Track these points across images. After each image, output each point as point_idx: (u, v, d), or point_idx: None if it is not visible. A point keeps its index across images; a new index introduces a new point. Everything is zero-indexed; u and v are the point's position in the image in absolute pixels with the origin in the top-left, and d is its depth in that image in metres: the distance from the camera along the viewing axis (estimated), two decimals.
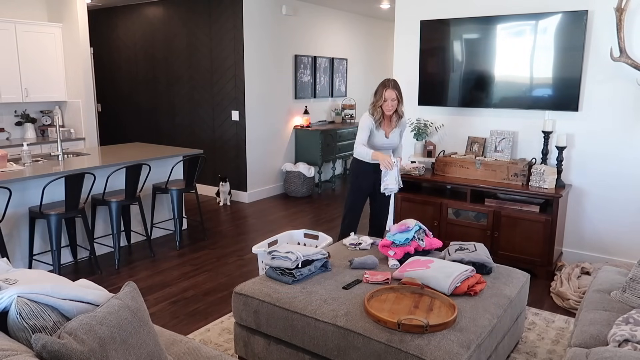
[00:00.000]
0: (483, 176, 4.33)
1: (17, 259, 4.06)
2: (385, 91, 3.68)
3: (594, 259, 4.21)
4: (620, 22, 3.70)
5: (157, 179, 5.02)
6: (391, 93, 3.66)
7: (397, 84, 3.72)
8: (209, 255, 4.65)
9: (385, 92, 3.67)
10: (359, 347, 2.22)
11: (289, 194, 6.96)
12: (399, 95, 3.69)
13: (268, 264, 2.82)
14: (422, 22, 4.69)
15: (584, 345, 2.15)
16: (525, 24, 4.20)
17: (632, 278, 2.47)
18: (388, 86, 3.68)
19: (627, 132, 3.98)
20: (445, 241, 4.27)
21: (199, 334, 3.17)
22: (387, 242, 3.05)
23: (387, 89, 3.67)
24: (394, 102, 3.69)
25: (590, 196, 4.21)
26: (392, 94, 3.66)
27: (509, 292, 2.66)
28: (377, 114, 3.75)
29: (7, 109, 6.02)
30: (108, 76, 8.01)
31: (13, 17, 5.85)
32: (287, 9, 6.75)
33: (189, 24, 6.73)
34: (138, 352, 1.57)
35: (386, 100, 3.68)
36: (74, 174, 3.88)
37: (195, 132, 6.99)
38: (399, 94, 3.69)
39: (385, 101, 3.68)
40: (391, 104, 3.68)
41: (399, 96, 3.69)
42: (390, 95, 3.67)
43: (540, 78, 4.20)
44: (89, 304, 1.69)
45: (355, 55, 8.51)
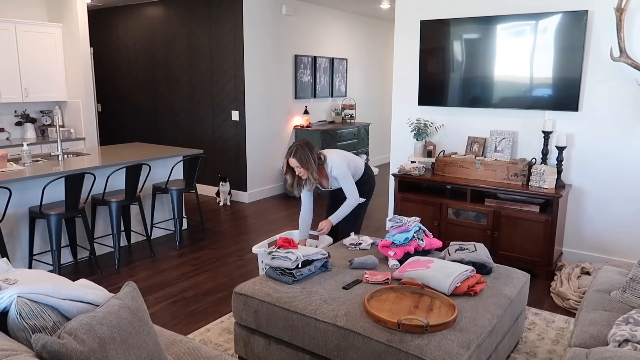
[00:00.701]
0: (483, 176, 4.33)
1: (17, 259, 4.06)
2: (287, 160, 3.47)
3: (594, 259, 4.21)
4: (620, 22, 3.70)
5: (157, 179, 5.02)
6: (293, 161, 3.42)
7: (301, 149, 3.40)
8: (209, 255, 4.65)
9: (287, 161, 3.47)
10: (359, 347, 2.22)
11: (289, 194, 6.96)
12: (303, 163, 3.39)
13: (268, 264, 2.82)
14: (422, 22, 4.69)
15: (584, 345, 2.15)
16: (525, 24, 4.20)
17: (632, 278, 2.47)
18: (289, 155, 3.44)
19: (627, 132, 3.98)
20: (445, 241, 4.28)
21: (199, 334, 3.17)
22: (387, 242, 3.05)
23: (289, 158, 3.44)
24: (299, 169, 3.43)
25: (590, 196, 4.21)
26: (294, 162, 3.41)
27: (509, 292, 2.66)
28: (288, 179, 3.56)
29: (7, 109, 6.02)
30: (108, 76, 8.01)
31: (13, 17, 5.85)
32: (287, 9, 6.75)
33: (189, 24, 6.73)
34: (138, 352, 1.57)
35: (292, 167, 3.47)
36: (74, 174, 3.88)
37: (195, 132, 6.99)
38: (300, 162, 3.39)
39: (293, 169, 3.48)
40: (297, 170, 3.45)
41: (301, 164, 3.40)
42: (293, 163, 3.43)
43: (540, 78, 4.20)
44: (89, 304, 1.69)
45: (355, 55, 8.51)
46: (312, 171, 3.45)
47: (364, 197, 3.68)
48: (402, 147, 5.07)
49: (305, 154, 3.41)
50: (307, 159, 3.41)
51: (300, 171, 3.45)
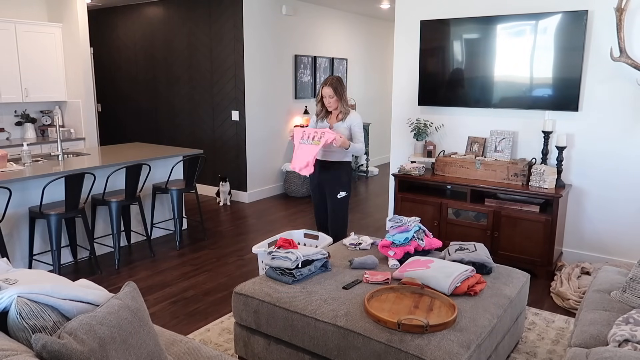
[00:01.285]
0: (483, 176, 4.33)
1: (17, 259, 4.06)
2: (322, 88, 3.76)
3: (594, 259, 4.21)
4: (620, 22, 3.70)
5: (157, 179, 5.02)
6: (327, 90, 3.72)
7: (335, 81, 3.76)
8: (209, 255, 4.65)
9: (322, 90, 3.76)
10: (359, 347, 2.22)
11: (289, 194, 6.96)
12: (336, 93, 3.73)
13: (268, 264, 2.82)
14: (422, 22, 4.69)
15: (584, 345, 2.15)
16: (525, 24, 4.20)
17: (632, 278, 2.47)
18: (325, 84, 3.75)
19: (627, 132, 3.98)
20: (445, 241, 4.28)
21: (199, 334, 3.17)
22: (387, 242, 3.05)
23: (324, 87, 3.75)
24: (331, 99, 3.74)
25: (590, 196, 4.21)
26: (328, 91, 3.72)
27: (509, 292, 2.66)
28: (317, 109, 3.90)
29: (7, 109, 6.02)
30: (108, 76, 8.01)
31: (13, 17, 5.85)
32: (287, 9, 6.75)
33: (189, 24, 6.74)
34: (138, 352, 1.57)
35: (324, 97, 3.76)
36: (74, 174, 3.88)
37: (195, 132, 6.99)
38: (335, 91, 3.72)
39: (324, 98, 3.77)
40: (328, 100, 3.76)
41: (335, 93, 3.73)
42: (326, 92, 3.74)
43: (540, 78, 4.20)
44: (89, 304, 1.69)
45: (355, 55, 8.51)
46: (343, 102, 3.79)
47: (344, 191, 3.89)
48: (402, 147, 5.07)
49: (340, 85, 3.77)
50: (341, 91, 3.77)
51: (331, 101, 3.76)
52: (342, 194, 3.87)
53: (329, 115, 3.88)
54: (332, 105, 3.78)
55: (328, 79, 3.79)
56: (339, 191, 3.86)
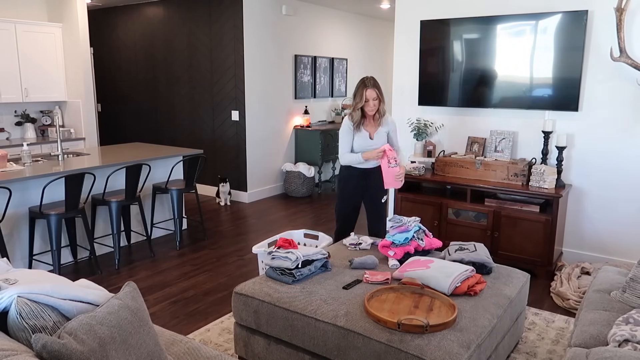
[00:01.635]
0: (483, 176, 4.33)
1: (17, 259, 4.06)
2: (365, 91, 3.43)
3: (594, 259, 4.21)
4: (620, 22, 3.70)
5: (157, 179, 5.02)
6: (372, 92, 3.42)
7: (376, 82, 3.49)
8: (209, 255, 4.65)
9: (366, 92, 3.43)
10: (359, 347, 2.22)
11: (289, 194, 6.96)
12: (380, 94, 3.47)
13: (268, 264, 2.82)
14: (422, 22, 4.69)
15: (584, 345, 2.15)
16: (525, 24, 4.20)
17: (632, 278, 2.47)
18: (368, 85, 3.43)
19: (627, 132, 3.98)
20: (445, 241, 4.27)
21: (199, 334, 3.17)
22: (387, 242, 3.05)
23: (368, 89, 3.42)
24: (375, 102, 3.45)
25: (590, 196, 4.21)
26: (373, 93, 3.43)
27: (509, 292, 2.66)
28: (356, 116, 3.52)
29: (7, 109, 6.02)
30: (108, 76, 8.01)
31: (13, 17, 5.85)
32: (287, 9, 6.75)
33: (189, 24, 6.73)
34: (138, 352, 1.57)
35: (367, 100, 3.44)
36: (74, 174, 3.88)
37: (195, 132, 6.99)
38: (379, 93, 3.46)
39: (367, 101, 3.44)
40: (373, 103, 3.45)
41: (379, 95, 3.46)
42: (371, 95, 3.43)
43: (540, 78, 4.20)
44: (89, 304, 1.69)
45: (355, 55, 8.50)
46: (383, 103, 3.53)
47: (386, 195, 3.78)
48: (402, 147, 5.06)
49: (379, 85, 3.50)
50: (381, 90, 3.51)
51: (375, 103, 3.48)
52: (385, 198, 3.78)
53: (364, 121, 3.56)
54: (374, 109, 3.48)
55: (367, 80, 3.46)
56: (382, 196, 3.74)
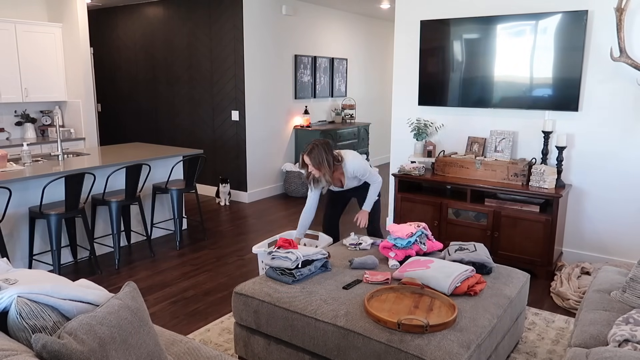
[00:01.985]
0: (483, 176, 4.33)
1: (17, 259, 4.06)
2: (302, 156, 3.52)
3: (594, 259, 4.21)
4: (620, 22, 3.70)
5: (157, 179, 5.02)
6: (307, 159, 3.47)
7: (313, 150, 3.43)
8: (209, 255, 4.65)
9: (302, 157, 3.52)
10: (359, 347, 2.22)
11: (289, 194, 6.96)
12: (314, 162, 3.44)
13: (268, 264, 2.82)
14: (422, 22, 4.69)
15: (584, 345, 2.15)
16: (525, 24, 4.20)
17: (632, 278, 2.47)
18: (304, 152, 3.49)
19: (627, 132, 3.98)
20: (445, 241, 4.28)
21: (199, 334, 3.17)
22: (389, 244, 3.04)
23: (303, 155, 3.49)
24: (312, 169, 3.48)
25: (590, 196, 4.21)
26: (307, 160, 3.47)
27: (509, 292, 2.66)
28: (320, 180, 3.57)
29: (7, 109, 6.02)
30: (108, 76, 8.01)
31: (13, 17, 5.85)
32: (287, 9, 6.75)
33: (189, 24, 6.73)
34: (138, 352, 1.57)
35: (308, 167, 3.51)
36: (74, 174, 3.88)
37: (195, 132, 6.99)
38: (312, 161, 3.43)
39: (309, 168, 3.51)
40: (311, 169, 3.49)
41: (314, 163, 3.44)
42: (307, 161, 3.48)
43: (540, 78, 4.20)
44: (89, 304, 1.69)
45: (355, 55, 8.50)
46: (324, 173, 3.49)
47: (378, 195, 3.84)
48: (402, 147, 5.07)
49: (320, 155, 3.45)
50: (320, 161, 3.45)
51: (313, 170, 3.50)
52: (376, 198, 3.84)
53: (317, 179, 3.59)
54: (317, 174, 3.51)
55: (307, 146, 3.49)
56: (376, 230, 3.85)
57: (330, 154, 3.50)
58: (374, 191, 3.75)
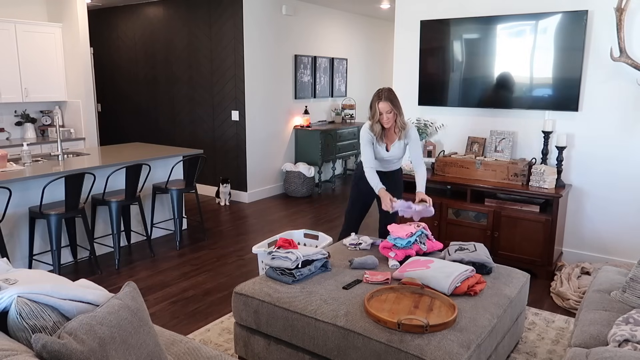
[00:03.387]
0: (483, 176, 4.33)
1: (17, 259, 4.06)
2: (378, 104, 3.40)
3: (594, 259, 4.21)
4: (620, 22, 3.70)
5: (157, 179, 5.02)
6: (384, 105, 3.37)
7: (391, 94, 3.41)
8: (209, 255, 4.65)
9: (378, 105, 3.40)
10: (359, 347, 2.22)
11: (289, 194, 6.96)
12: (394, 106, 3.39)
13: (268, 264, 2.82)
14: (422, 22, 4.69)
15: (584, 345, 2.15)
16: (525, 24, 4.20)
17: (632, 278, 2.47)
18: (381, 98, 3.39)
19: (627, 132, 3.98)
20: (445, 241, 4.28)
21: (199, 334, 3.17)
22: (389, 244, 3.04)
23: (380, 101, 3.38)
24: (389, 115, 3.39)
25: (590, 196, 4.21)
26: (386, 106, 3.37)
27: (509, 292, 2.66)
28: (376, 128, 3.47)
29: (7, 109, 6.02)
30: (108, 76, 8.01)
31: (13, 17, 5.85)
32: (287, 9, 6.75)
33: (189, 24, 6.73)
34: (138, 352, 1.57)
35: (381, 113, 3.40)
36: (74, 174, 3.88)
37: (195, 132, 6.99)
38: (393, 105, 3.38)
39: (381, 114, 3.40)
40: (386, 116, 3.40)
41: (393, 107, 3.39)
42: (384, 108, 3.38)
43: (540, 78, 4.20)
44: (89, 304, 1.69)
45: (355, 55, 8.50)
46: (401, 117, 3.46)
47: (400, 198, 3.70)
48: None
49: (395, 98, 3.43)
50: (398, 104, 3.43)
51: (389, 117, 3.41)
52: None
53: (384, 133, 3.51)
54: (391, 121, 3.42)
55: (381, 92, 3.40)
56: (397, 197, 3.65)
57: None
58: (424, 174, 3.66)
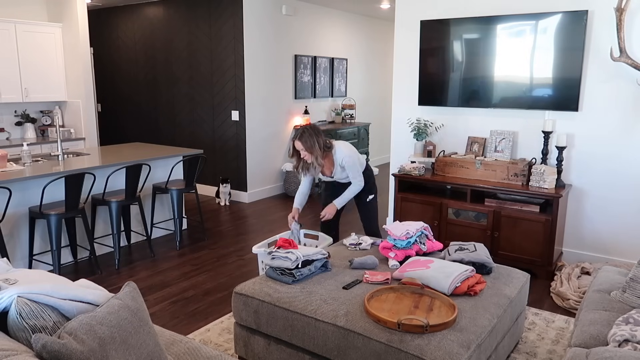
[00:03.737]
0: (483, 176, 4.33)
1: (17, 259, 4.06)
2: (294, 142, 3.52)
3: (594, 259, 4.21)
4: (620, 22, 3.70)
5: (157, 179, 5.02)
6: (298, 144, 3.48)
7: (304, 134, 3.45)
8: (209, 255, 4.65)
9: (294, 143, 3.51)
10: (359, 347, 2.22)
11: (289, 194, 6.96)
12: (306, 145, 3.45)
13: (268, 264, 2.82)
14: (422, 22, 4.69)
15: (584, 345, 2.15)
16: (525, 24, 4.20)
17: (632, 278, 2.47)
18: (295, 137, 3.50)
19: (627, 132, 3.98)
20: (445, 241, 4.28)
21: (199, 334, 3.17)
22: (389, 245, 3.04)
23: (295, 140, 3.49)
24: (304, 153, 3.48)
25: (590, 196, 4.21)
26: (299, 145, 3.47)
27: (509, 292, 2.66)
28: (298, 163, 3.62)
29: (7, 109, 6.02)
30: (108, 76, 8.01)
31: (13, 17, 5.85)
32: (287, 9, 6.75)
33: (189, 24, 6.74)
34: (138, 352, 1.57)
35: (298, 150, 3.52)
36: (74, 174, 3.88)
37: (195, 132, 6.99)
38: (305, 145, 3.44)
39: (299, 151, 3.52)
40: (303, 154, 3.50)
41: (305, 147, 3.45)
42: (298, 146, 3.48)
43: (540, 78, 4.20)
44: (89, 304, 1.69)
45: (355, 55, 8.51)
46: (316, 156, 3.50)
47: (372, 194, 3.79)
48: (402, 147, 5.07)
49: (310, 138, 3.46)
50: (312, 144, 3.46)
51: (305, 155, 3.50)
52: (370, 197, 3.78)
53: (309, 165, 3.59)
54: (308, 158, 3.52)
55: (298, 131, 3.50)
56: (367, 196, 3.76)
57: (321, 137, 3.52)
58: (350, 191, 3.64)
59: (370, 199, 3.82)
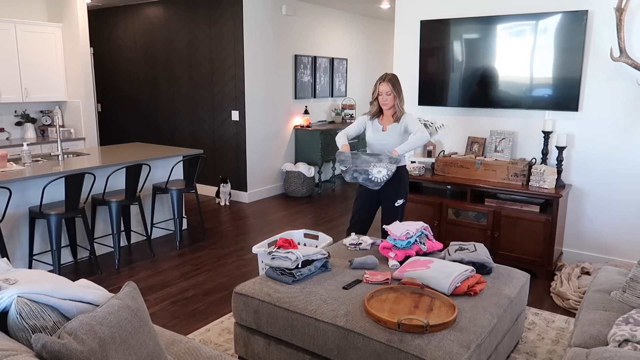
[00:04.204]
0: (483, 176, 4.33)
1: (17, 259, 4.06)
2: (379, 84, 3.58)
3: (594, 259, 4.21)
4: (620, 22, 3.70)
5: (157, 179, 5.02)
6: (385, 87, 3.54)
7: (393, 78, 3.58)
8: (209, 255, 4.65)
9: (379, 86, 3.58)
10: (359, 347, 2.22)
11: (289, 194, 6.96)
12: (394, 89, 3.54)
13: (268, 264, 2.82)
14: (422, 22, 4.69)
15: (584, 345, 2.15)
16: (525, 24, 4.20)
17: (632, 278, 2.47)
18: (383, 79, 3.58)
19: (627, 132, 3.98)
20: (445, 241, 4.28)
21: (199, 334, 3.17)
22: (389, 244, 3.04)
23: (381, 83, 3.57)
24: (388, 96, 3.54)
25: (590, 196, 4.21)
26: (386, 88, 3.54)
27: (509, 292, 2.66)
28: (373, 107, 3.68)
29: (7, 109, 6.02)
30: (108, 76, 8.01)
31: (13, 17, 5.84)
32: (287, 9, 6.74)
33: (189, 24, 6.73)
34: (138, 352, 1.57)
35: (380, 94, 3.57)
36: (74, 174, 3.88)
37: (195, 132, 6.99)
38: (393, 88, 3.54)
39: (380, 95, 3.58)
40: (385, 97, 3.55)
41: (393, 90, 3.54)
42: (384, 89, 3.55)
43: (540, 78, 4.20)
44: (89, 304, 1.69)
45: (355, 55, 8.50)
46: (400, 101, 3.58)
47: (402, 198, 3.71)
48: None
49: (397, 82, 3.59)
50: (399, 88, 3.58)
51: (388, 98, 3.56)
52: (400, 202, 3.70)
53: (381, 116, 3.68)
54: (389, 104, 3.57)
55: (384, 75, 3.59)
56: (396, 199, 3.68)
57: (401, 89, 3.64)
58: (415, 139, 3.49)
59: (399, 204, 3.70)
